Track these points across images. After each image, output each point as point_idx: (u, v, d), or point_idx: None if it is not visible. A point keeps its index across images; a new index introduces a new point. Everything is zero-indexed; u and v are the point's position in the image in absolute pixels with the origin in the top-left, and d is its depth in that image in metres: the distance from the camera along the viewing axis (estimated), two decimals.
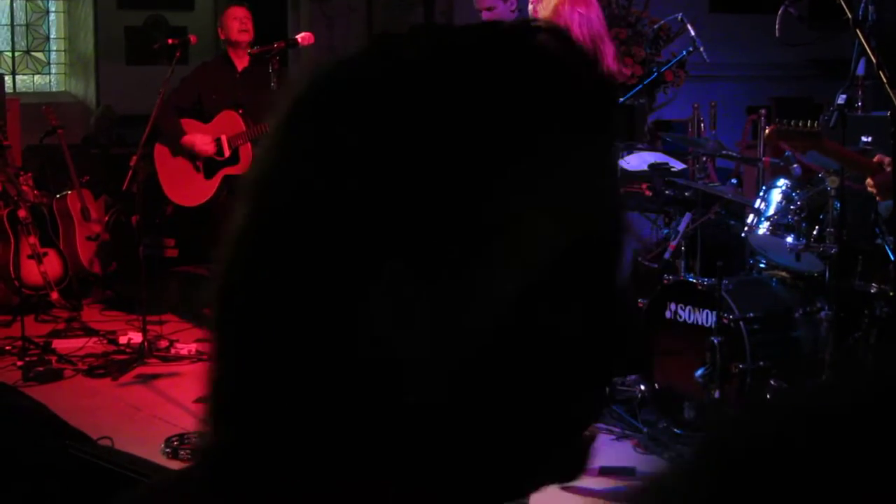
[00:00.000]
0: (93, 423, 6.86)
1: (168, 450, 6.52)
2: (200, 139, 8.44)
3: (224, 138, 8.51)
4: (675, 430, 6.48)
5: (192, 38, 8.71)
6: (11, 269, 9.54)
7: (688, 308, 6.51)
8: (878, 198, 5.68)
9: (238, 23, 8.38)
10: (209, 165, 8.58)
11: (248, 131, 8.30)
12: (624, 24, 11.05)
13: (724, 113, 8.97)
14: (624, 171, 8.00)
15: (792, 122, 5.43)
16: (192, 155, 8.59)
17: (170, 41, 8.63)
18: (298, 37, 7.18)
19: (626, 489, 5.94)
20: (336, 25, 14.00)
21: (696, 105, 8.52)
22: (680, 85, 11.05)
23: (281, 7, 14.64)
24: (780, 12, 6.49)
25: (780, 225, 6.21)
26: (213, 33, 15.26)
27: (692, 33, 7.45)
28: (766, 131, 5.48)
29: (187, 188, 8.68)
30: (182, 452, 6.50)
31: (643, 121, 10.82)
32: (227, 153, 8.52)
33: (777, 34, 6.47)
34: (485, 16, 8.07)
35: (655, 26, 9.44)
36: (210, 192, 8.54)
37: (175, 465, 6.41)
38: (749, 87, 12.31)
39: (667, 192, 7.90)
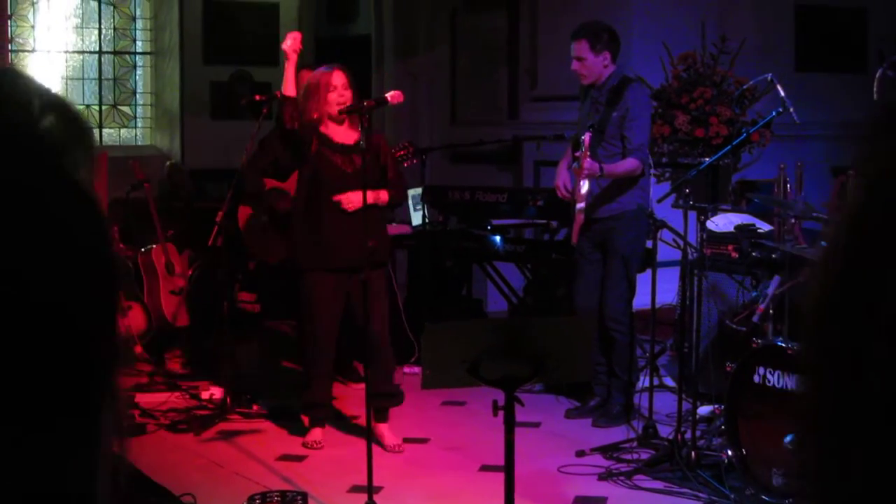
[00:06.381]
0: (175, 479, 6.87)
1: None
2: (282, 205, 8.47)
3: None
4: (763, 497, 6.37)
5: (278, 94, 8.75)
6: None
7: (777, 372, 6.41)
8: None
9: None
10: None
11: None
12: (709, 84, 11.00)
13: (809, 173, 8.87)
14: (711, 232, 7.93)
15: None
16: (272, 213, 8.63)
17: (257, 97, 8.66)
18: (388, 95, 7.15)
19: None
20: (420, 83, 14.06)
21: (782, 165, 8.43)
22: (766, 145, 10.98)
23: (366, 64, 14.73)
24: (878, 75, 6.42)
25: None
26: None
27: (782, 94, 7.39)
28: None
29: (268, 245, 8.71)
30: None
31: (728, 181, 10.75)
32: None
33: (875, 97, 6.38)
34: (574, 65, 8.12)
35: (743, 87, 9.38)
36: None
37: None
38: (833, 147, 12.18)
39: (754, 253, 7.82)
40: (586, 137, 7.79)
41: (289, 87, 7.44)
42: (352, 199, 7.24)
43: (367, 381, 7.27)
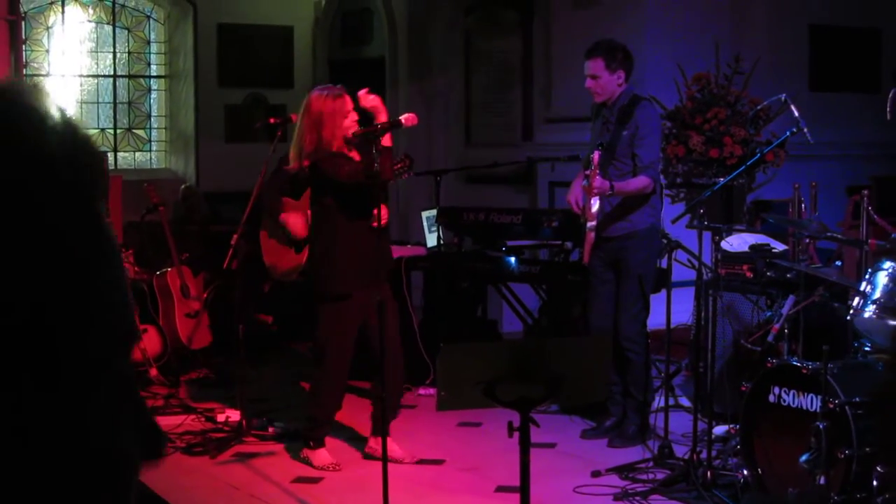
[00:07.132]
0: (191, 502, 6.88)
1: None
2: (293, 220, 8.40)
3: (309, 213, 8.52)
4: None
5: (294, 118, 8.75)
6: None
7: (792, 392, 6.40)
8: None
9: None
10: (299, 240, 8.56)
11: None
12: (723, 104, 11.01)
13: (823, 192, 8.87)
14: (725, 252, 7.92)
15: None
16: (285, 234, 8.61)
17: (272, 120, 8.66)
18: (402, 118, 7.15)
19: None
20: (435, 105, 14.08)
21: (796, 185, 8.44)
22: (780, 165, 10.97)
23: (380, 86, 14.75)
24: (891, 95, 6.42)
25: (886, 308, 6.10)
26: None
27: (796, 114, 7.37)
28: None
29: (283, 262, 8.70)
30: None
31: (742, 201, 10.74)
32: None
33: (889, 116, 6.38)
34: (588, 83, 8.12)
35: (758, 107, 9.38)
36: (299, 266, 8.51)
37: None
38: (847, 166, 12.18)
39: (768, 273, 7.81)
40: (595, 155, 7.79)
41: (385, 139, 7.25)
42: (384, 215, 7.26)
43: (378, 397, 7.27)
